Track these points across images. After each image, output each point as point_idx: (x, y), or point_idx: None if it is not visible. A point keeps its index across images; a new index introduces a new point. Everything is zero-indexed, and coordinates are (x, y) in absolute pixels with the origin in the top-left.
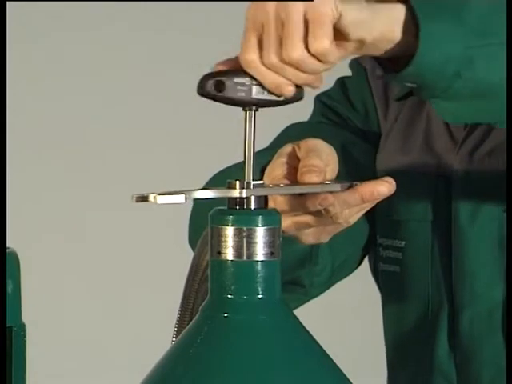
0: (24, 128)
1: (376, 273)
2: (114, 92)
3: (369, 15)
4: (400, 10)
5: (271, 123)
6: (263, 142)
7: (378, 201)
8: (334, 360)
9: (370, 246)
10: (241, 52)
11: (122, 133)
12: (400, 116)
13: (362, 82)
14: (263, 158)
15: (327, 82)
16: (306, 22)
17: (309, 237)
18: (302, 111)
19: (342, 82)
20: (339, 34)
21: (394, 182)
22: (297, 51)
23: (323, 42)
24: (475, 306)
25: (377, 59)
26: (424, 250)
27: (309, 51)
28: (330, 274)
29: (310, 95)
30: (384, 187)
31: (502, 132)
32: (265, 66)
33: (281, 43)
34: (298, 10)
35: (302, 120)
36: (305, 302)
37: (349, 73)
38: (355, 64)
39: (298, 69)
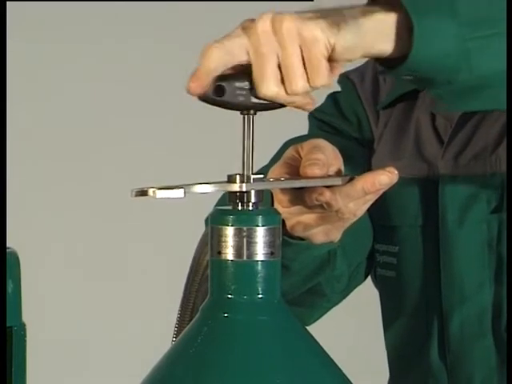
0: (24, 127)
1: (375, 278)
2: (114, 94)
3: (358, 37)
4: (390, 16)
5: (271, 126)
6: (263, 144)
7: (381, 191)
8: (335, 360)
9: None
10: (261, 86)
11: (122, 131)
12: (389, 123)
13: (351, 94)
14: (262, 171)
15: (318, 98)
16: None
17: (318, 235)
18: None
19: (333, 96)
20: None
21: (395, 172)
22: (299, 86)
23: (323, 79)
24: (465, 309)
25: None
26: (416, 255)
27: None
28: (347, 280)
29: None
30: (385, 176)
31: (484, 135)
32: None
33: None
34: (296, 53)
35: (298, 121)
36: (328, 309)
37: (337, 88)
38: (344, 78)
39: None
